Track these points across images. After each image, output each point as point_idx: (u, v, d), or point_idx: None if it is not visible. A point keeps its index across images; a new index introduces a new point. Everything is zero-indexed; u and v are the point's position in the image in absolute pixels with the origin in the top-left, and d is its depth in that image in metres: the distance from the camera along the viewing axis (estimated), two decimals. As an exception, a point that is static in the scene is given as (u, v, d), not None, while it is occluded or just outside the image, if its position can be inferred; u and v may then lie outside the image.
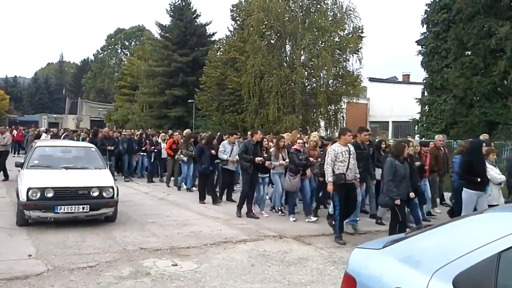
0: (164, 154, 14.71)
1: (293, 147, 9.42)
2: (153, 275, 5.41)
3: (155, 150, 15.08)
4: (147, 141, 15.41)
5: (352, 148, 7.64)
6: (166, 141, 15.18)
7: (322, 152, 9.81)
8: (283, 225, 8.53)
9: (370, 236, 7.56)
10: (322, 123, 28.03)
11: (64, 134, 19.04)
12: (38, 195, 7.40)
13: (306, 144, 9.97)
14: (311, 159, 9.26)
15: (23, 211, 7.44)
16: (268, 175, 9.76)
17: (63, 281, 5.09)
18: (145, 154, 15.46)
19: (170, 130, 20.64)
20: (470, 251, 2.21)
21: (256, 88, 25.63)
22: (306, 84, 27.20)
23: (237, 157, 10.20)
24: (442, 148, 10.57)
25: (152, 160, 15.28)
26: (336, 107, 27.49)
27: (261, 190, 9.75)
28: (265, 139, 9.81)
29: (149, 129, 24.80)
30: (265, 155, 9.41)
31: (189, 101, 33.98)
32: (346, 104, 28.59)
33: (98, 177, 8.31)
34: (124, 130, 19.18)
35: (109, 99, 64.06)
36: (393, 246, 2.70)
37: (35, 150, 9.06)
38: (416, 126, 23.80)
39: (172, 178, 13.97)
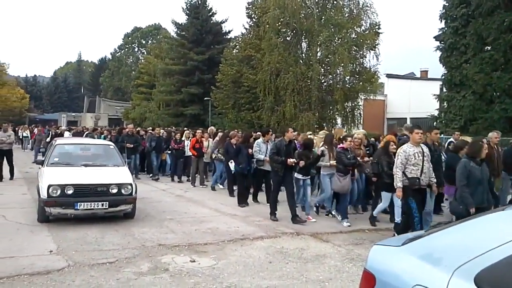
0: (187, 153, 14.33)
1: (339, 146, 8.85)
2: (172, 271, 5.46)
3: (179, 148, 14.52)
4: (171, 138, 15.03)
5: (426, 150, 7.03)
6: (190, 139, 14.71)
7: (368, 151, 9.46)
8: (300, 222, 8.51)
9: (388, 234, 7.52)
10: (339, 120, 27.82)
11: (87, 132, 19.21)
12: (59, 192, 7.53)
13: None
14: (359, 159, 8.76)
15: (44, 208, 7.58)
16: (309, 177, 9.03)
17: (84, 277, 5.18)
18: (171, 152, 15.07)
19: (186, 128, 20.70)
20: (492, 248, 2.17)
21: (272, 86, 25.58)
22: (323, 81, 27.02)
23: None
24: (496, 147, 9.52)
25: (181, 159, 14.73)
26: (353, 104, 27.26)
27: (300, 192, 9.13)
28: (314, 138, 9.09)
29: (172, 127, 24.70)
30: (311, 156, 8.77)
31: (205, 99, 34.09)
32: (363, 100, 28.33)
33: (117, 174, 8.42)
34: (149, 128, 19.15)
35: (126, 98, 64.74)
36: (413, 243, 2.67)
37: (55, 148, 9.20)
38: (435, 123, 23.49)
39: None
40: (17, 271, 5.26)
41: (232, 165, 11.30)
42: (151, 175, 15.14)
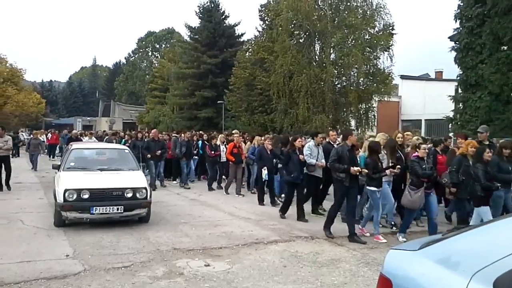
0: (223, 158, 13.42)
1: (413, 154, 7.70)
2: (186, 275, 5.47)
3: (215, 155, 13.55)
4: (206, 143, 14.37)
5: None
6: (225, 143, 13.89)
7: (432, 158, 8.50)
8: (315, 226, 8.44)
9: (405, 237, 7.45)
10: (352, 122, 27.71)
11: (107, 137, 19.02)
12: (75, 196, 7.61)
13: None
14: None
15: (60, 212, 7.66)
16: (381, 187, 7.72)
17: (100, 281, 5.21)
18: (197, 157, 14.62)
19: (200, 131, 20.73)
20: (512, 253, 2.13)
21: (285, 88, 25.58)
22: (336, 83, 26.94)
23: (323, 161, 9.13)
24: None
25: (216, 166, 13.86)
26: (367, 106, 27.13)
27: (379, 206, 7.79)
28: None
29: (193, 131, 24.51)
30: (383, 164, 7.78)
31: (218, 102, 34.26)
32: (377, 102, 28.19)
33: (132, 178, 8.47)
34: (174, 132, 18.95)
35: (140, 102, 65.37)
36: (430, 247, 2.63)
37: (71, 152, 9.30)
38: (450, 124, 23.22)
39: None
40: (34, 275, 5.32)
41: (264, 172, 10.75)
42: (175, 181, 14.75)
